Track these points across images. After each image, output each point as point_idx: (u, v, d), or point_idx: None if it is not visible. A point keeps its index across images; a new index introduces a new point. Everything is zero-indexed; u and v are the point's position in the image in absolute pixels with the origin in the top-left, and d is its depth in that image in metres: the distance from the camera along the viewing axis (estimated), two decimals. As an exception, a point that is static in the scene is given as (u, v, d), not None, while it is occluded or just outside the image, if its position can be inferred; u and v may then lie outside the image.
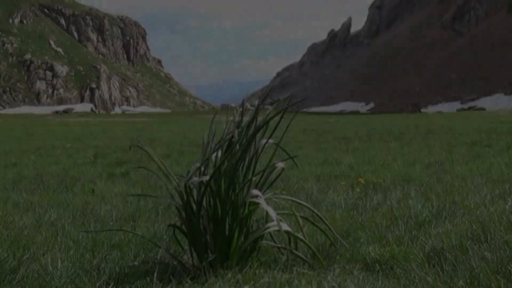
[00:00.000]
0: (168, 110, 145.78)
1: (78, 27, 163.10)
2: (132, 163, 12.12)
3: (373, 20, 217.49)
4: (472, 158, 11.25)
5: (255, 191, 3.58)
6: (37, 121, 68.77)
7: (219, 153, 3.88)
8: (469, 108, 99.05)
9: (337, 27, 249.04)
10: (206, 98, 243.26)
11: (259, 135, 4.00)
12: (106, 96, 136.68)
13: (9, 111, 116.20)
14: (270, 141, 4.00)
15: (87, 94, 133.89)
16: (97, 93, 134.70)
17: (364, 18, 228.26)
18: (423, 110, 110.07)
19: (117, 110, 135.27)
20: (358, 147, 15.45)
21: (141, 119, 76.05)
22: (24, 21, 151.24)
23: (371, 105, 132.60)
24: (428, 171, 9.18)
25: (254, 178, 3.76)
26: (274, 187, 4.49)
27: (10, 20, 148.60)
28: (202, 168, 3.85)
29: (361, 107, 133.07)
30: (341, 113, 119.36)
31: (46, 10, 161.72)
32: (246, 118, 4.20)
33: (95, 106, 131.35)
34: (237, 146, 3.70)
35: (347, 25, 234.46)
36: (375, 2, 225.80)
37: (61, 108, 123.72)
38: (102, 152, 16.24)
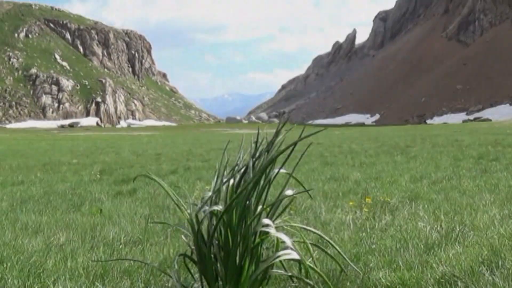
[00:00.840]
0: (173, 123, 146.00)
1: (84, 41, 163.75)
2: (139, 180, 12.12)
3: (378, 32, 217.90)
4: (479, 173, 11.21)
5: (266, 220, 3.58)
6: (43, 136, 68.91)
7: (231, 181, 3.88)
8: (475, 119, 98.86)
9: (342, 39, 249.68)
10: (212, 111, 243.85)
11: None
12: (112, 109, 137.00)
13: (15, 125, 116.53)
14: (283, 170, 3.99)
15: (92, 108, 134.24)
16: (102, 107, 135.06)
17: (369, 30, 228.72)
18: (428, 121, 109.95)
19: (123, 123, 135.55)
20: (365, 161, 15.41)
21: (146, 133, 76.17)
22: (30, 36, 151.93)
23: (377, 116, 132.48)
24: (435, 187, 9.15)
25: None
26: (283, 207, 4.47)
27: (16, 35, 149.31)
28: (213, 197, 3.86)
29: (367, 118, 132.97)
30: (346, 125, 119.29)
31: (51, 25, 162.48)
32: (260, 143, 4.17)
33: (101, 120, 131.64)
34: (250, 177, 3.68)
35: (352, 37, 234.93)
36: (379, 14, 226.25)
37: (66, 122, 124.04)
38: (108, 168, 16.23)
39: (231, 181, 3.89)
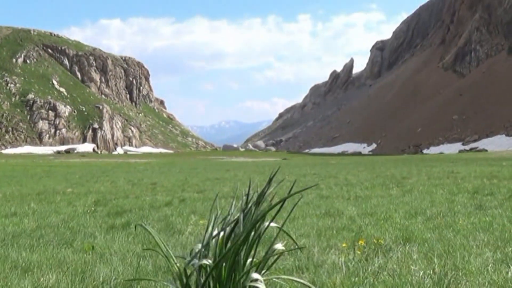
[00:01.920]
0: (170, 151, 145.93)
1: (82, 67, 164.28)
2: (133, 213, 12.08)
3: (375, 62, 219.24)
4: (474, 209, 11.18)
5: (255, 275, 3.54)
6: (38, 162, 68.76)
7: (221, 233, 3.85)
8: (471, 149, 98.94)
9: (338, 67, 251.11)
10: (209, 139, 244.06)
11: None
12: (109, 136, 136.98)
13: (11, 150, 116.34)
14: (273, 224, 3.96)
15: (89, 134, 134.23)
16: (99, 133, 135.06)
17: (366, 60, 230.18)
18: (425, 151, 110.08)
19: (119, 150, 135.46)
20: (360, 194, 15.37)
21: (143, 160, 76.05)
22: (28, 61, 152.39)
23: (373, 146, 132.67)
24: (430, 225, 9.11)
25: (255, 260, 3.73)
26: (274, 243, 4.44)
27: (14, 60, 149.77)
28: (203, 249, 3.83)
29: (363, 148, 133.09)
30: (343, 154, 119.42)
31: (49, 50, 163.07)
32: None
33: (97, 146, 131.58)
34: (240, 231, 3.66)
35: (349, 67, 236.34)
36: (376, 43, 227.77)
37: (63, 148, 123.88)
38: (103, 198, 16.17)
39: (222, 233, 3.86)
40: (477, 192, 14.77)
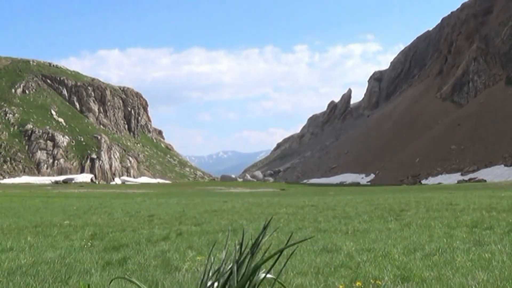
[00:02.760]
0: (168, 181, 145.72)
1: (80, 97, 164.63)
2: (130, 247, 12.01)
3: (373, 92, 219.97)
4: (473, 244, 11.11)
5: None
6: (36, 192, 68.59)
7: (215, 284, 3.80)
8: (470, 180, 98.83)
9: (335, 98, 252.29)
10: (207, 169, 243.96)
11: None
12: (107, 166, 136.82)
13: (9, 180, 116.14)
14: (269, 276, 3.91)
15: (87, 164, 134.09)
16: (97, 163, 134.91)
17: (363, 90, 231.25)
18: (423, 181, 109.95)
19: (117, 180, 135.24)
20: (358, 228, 15.30)
21: (140, 191, 75.89)
22: (27, 91, 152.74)
23: (371, 176, 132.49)
24: (428, 262, 9.04)
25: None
26: (271, 283, 4.38)
27: (13, 90, 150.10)
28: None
29: (362, 178, 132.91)
30: (341, 184, 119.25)
31: (48, 81, 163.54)
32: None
33: (95, 176, 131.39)
34: (235, 283, 3.60)
35: (347, 97, 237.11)
36: (374, 74, 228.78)
37: (61, 178, 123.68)
38: (100, 231, 16.09)
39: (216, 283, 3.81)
40: (476, 226, 14.70)
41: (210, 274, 4.05)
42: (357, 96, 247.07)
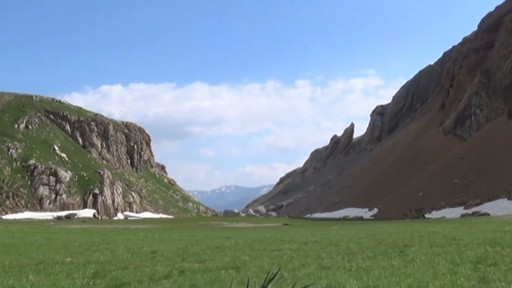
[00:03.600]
0: (171, 216, 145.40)
1: (83, 132, 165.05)
2: (132, 286, 11.93)
3: (375, 126, 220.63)
4: (477, 282, 11.04)
5: None
6: (38, 228, 68.36)
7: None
8: (473, 213, 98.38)
9: (338, 132, 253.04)
10: (209, 204, 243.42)
11: None
12: (109, 201, 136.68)
13: (11, 216, 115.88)
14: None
15: (90, 199, 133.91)
16: (100, 198, 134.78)
17: (365, 124, 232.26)
18: (426, 215, 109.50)
19: (120, 216, 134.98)
20: (362, 265, 15.22)
21: (143, 226, 75.63)
22: (30, 127, 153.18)
23: (375, 210, 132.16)
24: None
25: None
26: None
27: (16, 126, 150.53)
28: None
29: (365, 212, 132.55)
30: (344, 219, 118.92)
31: (51, 116, 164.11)
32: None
33: (98, 211, 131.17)
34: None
35: (350, 131, 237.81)
36: (377, 108, 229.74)
37: (63, 213, 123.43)
38: (102, 269, 16.02)
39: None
40: (480, 262, 14.62)
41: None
42: (359, 131, 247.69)
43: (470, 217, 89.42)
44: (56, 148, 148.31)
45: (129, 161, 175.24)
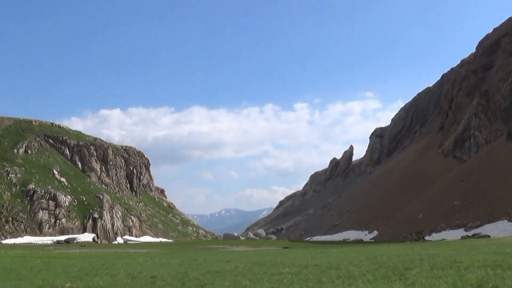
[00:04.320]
0: (170, 240, 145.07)
1: (82, 157, 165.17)
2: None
3: (375, 149, 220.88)
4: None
5: None
6: (38, 253, 68.10)
7: None
8: (474, 235, 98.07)
9: (336, 154, 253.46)
10: (209, 227, 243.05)
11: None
12: (109, 226, 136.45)
13: (10, 241, 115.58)
14: None
15: (89, 224, 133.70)
16: (99, 223, 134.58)
17: (363, 147, 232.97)
18: (427, 237, 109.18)
19: (119, 239, 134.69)
20: (363, 290, 15.18)
21: (143, 250, 75.38)
22: (29, 151, 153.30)
23: (375, 233, 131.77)
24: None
25: None
26: None
27: (15, 150, 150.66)
28: None
29: (365, 235, 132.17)
30: (344, 241, 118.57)
31: (51, 141, 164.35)
32: None
33: (97, 236, 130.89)
34: None
35: (349, 154, 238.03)
36: (376, 131, 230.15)
37: (63, 238, 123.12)
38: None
39: None
40: (482, 285, 14.58)
41: None
42: (358, 153, 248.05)
43: (471, 239, 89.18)
44: (56, 172, 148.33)
45: (128, 185, 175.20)
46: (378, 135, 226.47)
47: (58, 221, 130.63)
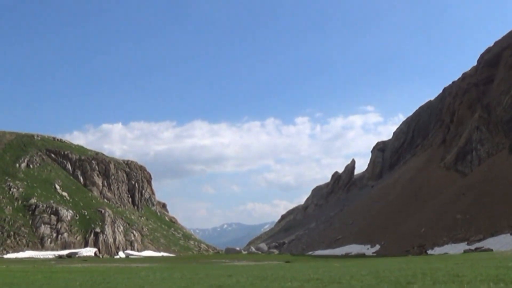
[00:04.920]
0: (172, 254, 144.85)
1: (84, 171, 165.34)
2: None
3: (376, 163, 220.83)
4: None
5: None
6: (40, 267, 67.99)
7: None
8: (476, 249, 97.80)
9: (338, 168, 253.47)
10: (211, 241, 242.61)
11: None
12: (110, 240, 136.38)
13: (12, 255, 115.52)
14: None
15: (91, 238, 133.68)
16: (101, 237, 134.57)
17: (364, 161, 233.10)
18: (429, 251, 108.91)
19: (121, 254, 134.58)
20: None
21: (144, 265, 75.24)
22: (31, 166, 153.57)
23: (377, 247, 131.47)
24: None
25: None
26: None
27: (17, 165, 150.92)
28: None
29: (367, 249, 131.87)
30: (347, 255, 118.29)
31: (52, 155, 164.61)
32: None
33: (99, 250, 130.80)
34: None
35: (351, 168, 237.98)
36: (377, 144, 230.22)
37: (64, 252, 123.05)
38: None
39: None
40: (484, 299, 14.54)
41: None
42: (359, 167, 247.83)
43: (473, 253, 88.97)
44: (57, 187, 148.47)
45: (130, 199, 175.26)
46: (379, 148, 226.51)
47: (60, 235, 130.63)
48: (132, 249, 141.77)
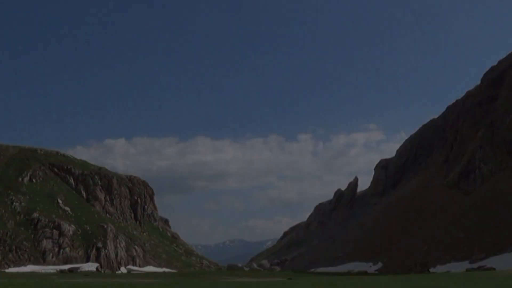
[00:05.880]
0: (174, 270, 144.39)
1: (87, 186, 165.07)
2: None
3: (379, 180, 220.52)
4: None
5: None
6: (41, 282, 67.90)
7: None
8: (479, 268, 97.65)
9: (340, 186, 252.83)
10: (213, 258, 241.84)
11: None
12: (112, 255, 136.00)
13: (14, 270, 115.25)
14: None
15: (93, 253, 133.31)
16: (103, 252, 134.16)
17: (367, 178, 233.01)
18: (431, 269, 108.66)
19: (123, 269, 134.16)
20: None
21: (146, 280, 75.13)
22: (34, 180, 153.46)
23: (379, 265, 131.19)
24: None
25: None
26: None
27: (20, 179, 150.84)
28: None
29: (369, 267, 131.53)
30: (349, 273, 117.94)
31: (55, 169, 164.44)
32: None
33: (101, 265, 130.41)
34: None
35: (354, 185, 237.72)
36: (380, 162, 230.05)
37: (66, 267, 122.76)
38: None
39: None
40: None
41: None
42: (362, 185, 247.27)
43: (476, 271, 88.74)
44: (60, 201, 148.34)
45: (132, 214, 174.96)
46: (383, 166, 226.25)
47: (62, 250, 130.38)
48: (134, 264, 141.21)
